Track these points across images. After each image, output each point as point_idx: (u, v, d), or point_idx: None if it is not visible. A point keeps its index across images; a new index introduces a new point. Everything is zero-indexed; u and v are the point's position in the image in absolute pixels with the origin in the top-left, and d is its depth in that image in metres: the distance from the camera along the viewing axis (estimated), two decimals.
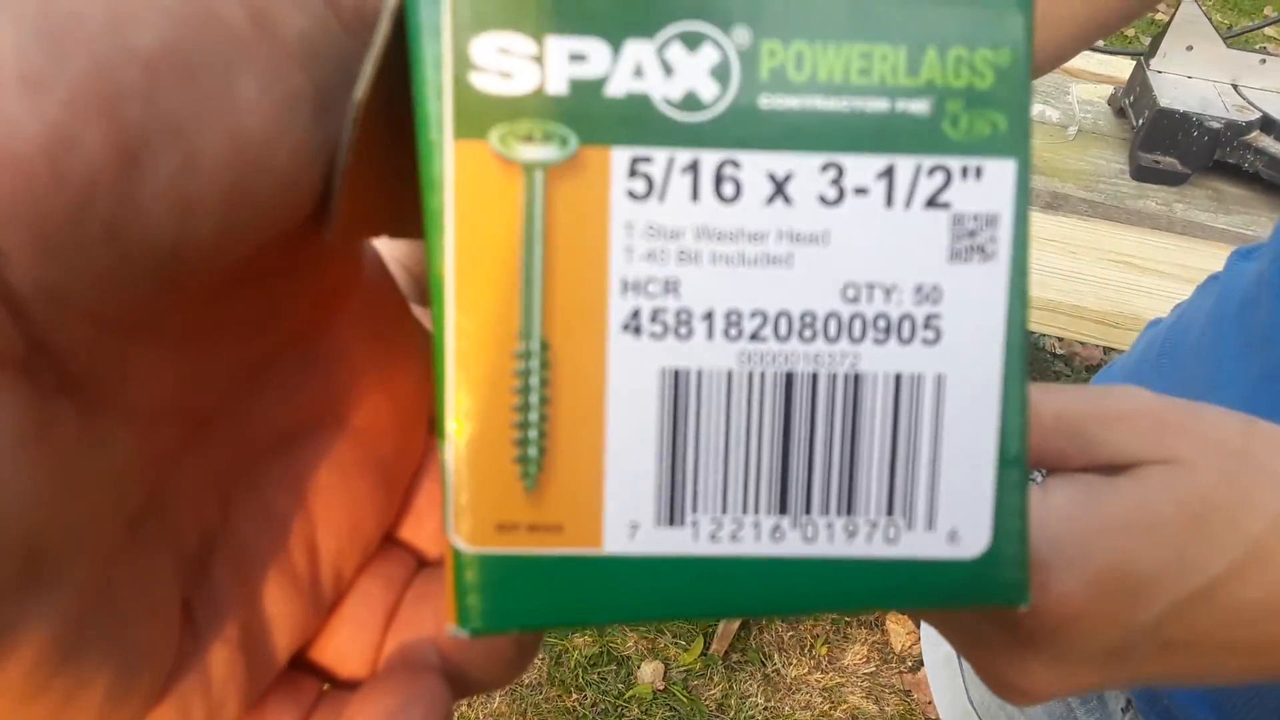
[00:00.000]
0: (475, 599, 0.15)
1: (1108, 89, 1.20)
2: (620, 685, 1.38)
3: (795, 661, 1.43)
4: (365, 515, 0.18)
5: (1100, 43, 1.40)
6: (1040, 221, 1.05)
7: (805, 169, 0.15)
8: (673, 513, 0.15)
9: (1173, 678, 0.24)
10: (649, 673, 1.39)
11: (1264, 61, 1.11)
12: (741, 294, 0.15)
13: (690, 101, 0.14)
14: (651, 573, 0.15)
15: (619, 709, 1.36)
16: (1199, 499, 0.22)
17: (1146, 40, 1.35)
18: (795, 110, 0.14)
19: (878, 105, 0.15)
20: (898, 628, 1.46)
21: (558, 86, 0.14)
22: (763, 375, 0.15)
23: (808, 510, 0.15)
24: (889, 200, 0.15)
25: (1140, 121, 1.09)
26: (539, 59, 0.14)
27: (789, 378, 0.15)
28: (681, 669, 1.40)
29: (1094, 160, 1.12)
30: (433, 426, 0.20)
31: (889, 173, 0.15)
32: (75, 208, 0.12)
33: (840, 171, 0.15)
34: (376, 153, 0.16)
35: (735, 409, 0.15)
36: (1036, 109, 1.16)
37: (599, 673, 1.39)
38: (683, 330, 0.15)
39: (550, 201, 0.14)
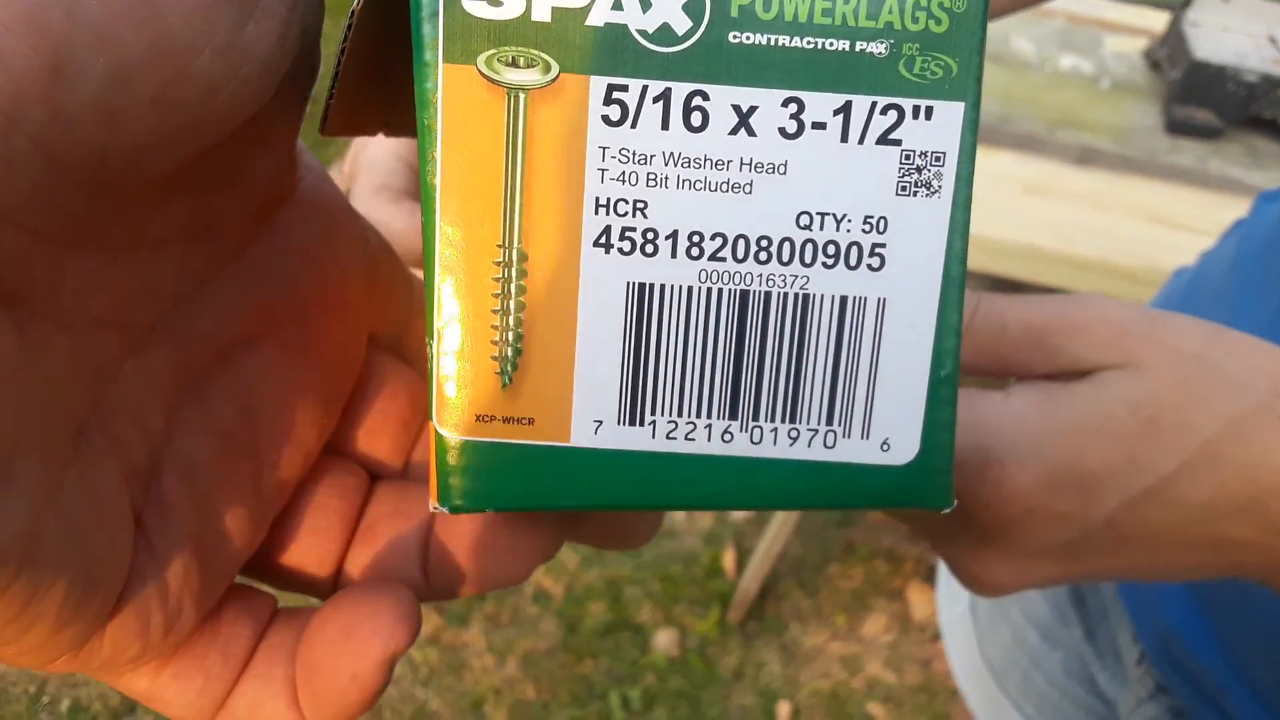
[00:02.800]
0: (456, 480, 0.17)
1: (1142, 41, 1.20)
2: (635, 652, 1.42)
3: (813, 630, 1.45)
4: (306, 425, 0.19)
5: None
6: (1071, 176, 1.05)
7: (768, 103, 0.16)
8: (634, 412, 0.18)
9: (1132, 573, 0.26)
10: (664, 640, 1.42)
11: None
12: (704, 217, 0.17)
13: (664, 34, 0.16)
14: (613, 465, 0.18)
15: (634, 676, 1.39)
16: (1151, 401, 0.24)
17: None
18: (761, 47, 0.16)
19: (839, 45, 0.16)
20: (919, 598, 1.48)
21: (542, 14, 0.16)
22: (720, 292, 0.17)
23: (755, 416, 0.18)
24: (844, 135, 0.17)
25: (1175, 74, 1.09)
26: None
27: (744, 295, 0.17)
28: (697, 637, 1.43)
29: (1127, 114, 1.12)
30: (374, 338, 0.22)
31: (846, 109, 0.16)
32: (3, 120, 0.12)
33: (800, 106, 0.16)
34: (373, 55, 0.18)
35: (694, 322, 0.17)
36: (1069, 61, 1.16)
37: (614, 640, 1.43)
38: (649, 248, 0.17)
39: (531, 123, 0.16)
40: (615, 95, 0.16)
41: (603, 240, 0.17)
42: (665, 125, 0.16)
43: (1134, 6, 1.29)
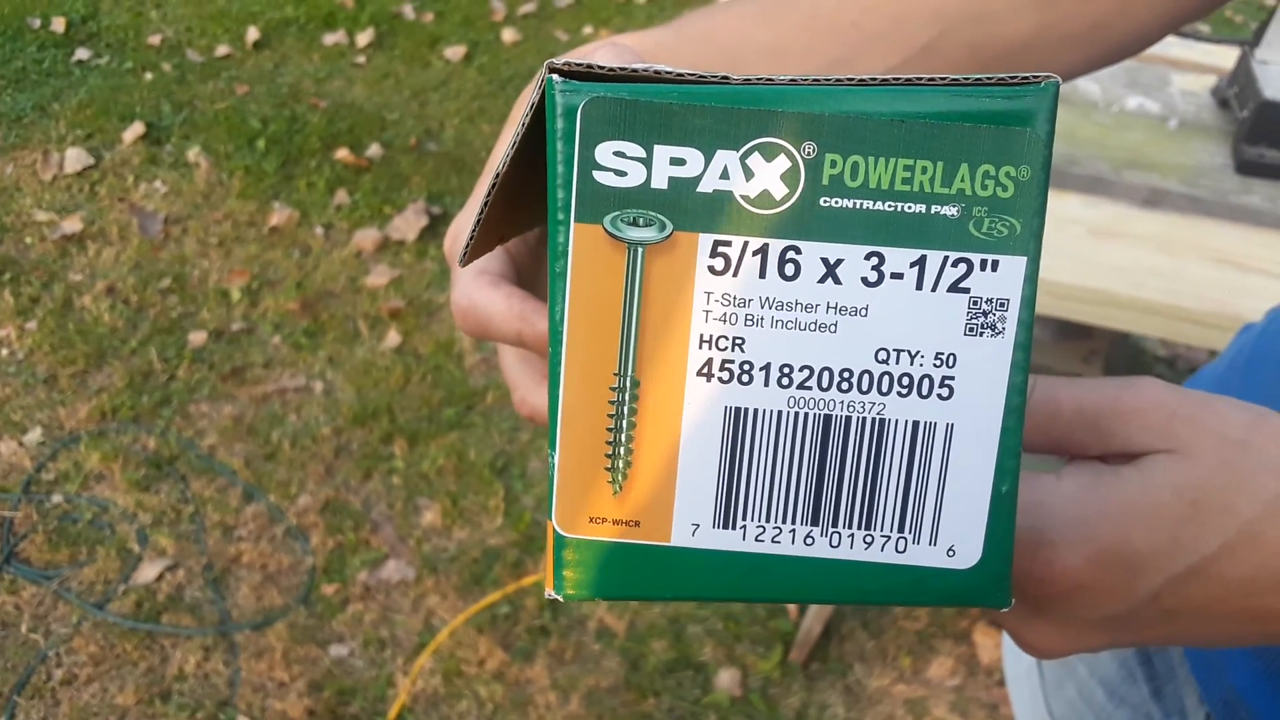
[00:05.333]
0: (569, 572, 0.21)
1: (1211, 79, 1.21)
2: (697, 691, 1.43)
3: (878, 672, 1.46)
4: None
5: (1205, 29, 1.39)
6: (1139, 218, 1.06)
7: (852, 256, 0.19)
8: (727, 517, 0.21)
9: (1177, 641, 0.28)
10: (726, 679, 1.44)
11: None
12: (794, 352, 0.20)
13: (764, 199, 0.19)
14: (707, 563, 0.21)
15: (696, 715, 1.40)
16: (1196, 485, 0.25)
17: (1253, 26, 1.34)
18: (848, 209, 0.19)
19: (916, 208, 0.19)
20: (985, 640, 1.48)
21: (660, 183, 0.19)
22: (806, 416, 0.20)
23: (835, 523, 0.20)
24: (919, 284, 0.19)
25: (1244, 113, 1.10)
26: (647, 161, 0.19)
27: (827, 420, 0.20)
28: (759, 677, 1.45)
29: (1196, 154, 1.12)
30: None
31: (921, 262, 0.19)
32: None
33: (881, 259, 0.19)
34: (502, 199, 0.21)
35: (782, 441, 0.20)
36: (1135, 101, 1.17)
37: (676, 678, 1.44)
38: (745, 378, 0.20)
39: (647, 272, 0.19)
40: (720, 249, 0.19)
41: (705, 370, 0.20)
42: (762, 274, 0.19)
43: (1202, 44, 1.29)
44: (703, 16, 0.41)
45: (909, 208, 0.19)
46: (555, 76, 0.18)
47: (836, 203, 0.19)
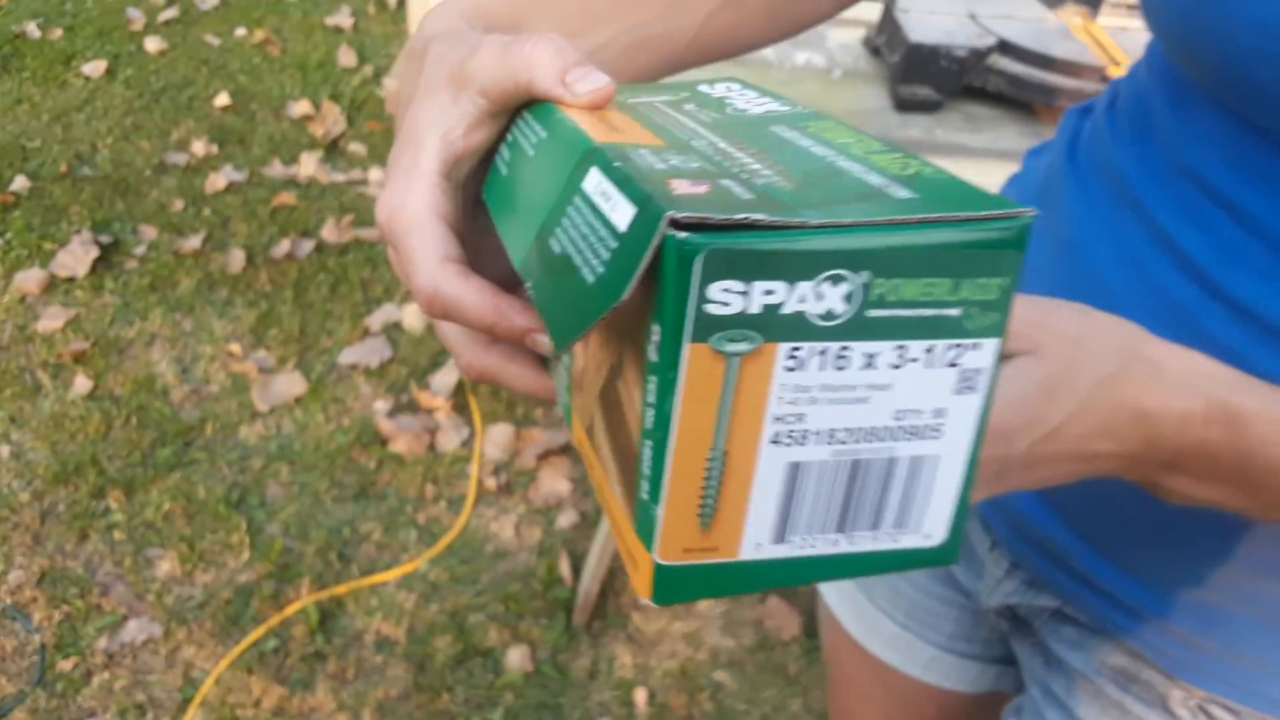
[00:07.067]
0: (665, 589, 0.27)
1: (860, 31, 1.36)
2: (490, 676, 1.46)
3: (653, 616, 1.55)
4: None
5: None
6: None
7: (885, 349, 0.25)
8: (780, 535, 0.27)
9: (1033, 485, 0.38)
10: (516, 658, 1.48)
11: None
12: (839, 419, 0.26)
13: (828, 315, 0.24)
14: (764, 568, 0.28)
15: (492, 700, 1.44)
16: (1050, 376, 0.36)
17: None
18: (886, 317, 0.25)
19: (931, 311, 0.25)
20: None
21: (755, 309, 0.24)
22: (842, 462, 0.27)
23: (855, 529, 0.28)
24: (929, 364, 0.26)
25: (895, 58, 1.25)
26: (746, 295, 0.24)
27: (855, 462, 0.27)
28: (547, 647, 1.50)
29: (860, 98, 1.27)
30: None
31: (931, 349, 0.26)
32: None
33: (905, 350, 0.25)
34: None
35: (824, 481, 0.27)
36: (803, 58, 1.30)
37: (466, 669, 1.47)
38: (803, 440, 0.26)
39: (740, 375, 0.24)
40: (794, 354, 0.24)
41: (775, 439, 0.26)
42: (822, 368, 0.25)
43: None
44: None
45: (926, 312, 0.25)
46: (677, 233, 0.22)
47: (879, 313, 0.24)
